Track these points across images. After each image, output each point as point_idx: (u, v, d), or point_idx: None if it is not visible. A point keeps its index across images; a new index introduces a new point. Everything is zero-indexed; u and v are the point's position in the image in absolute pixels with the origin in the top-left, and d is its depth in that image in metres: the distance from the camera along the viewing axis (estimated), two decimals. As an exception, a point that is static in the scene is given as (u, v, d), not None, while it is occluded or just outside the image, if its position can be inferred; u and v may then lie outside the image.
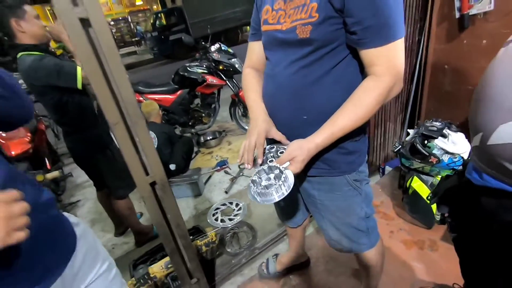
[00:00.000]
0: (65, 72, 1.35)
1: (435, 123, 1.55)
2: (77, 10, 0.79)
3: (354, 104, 0.72)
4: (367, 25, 0.65)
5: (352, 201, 0.92)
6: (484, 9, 1.59)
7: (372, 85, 0.70)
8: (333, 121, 0.74)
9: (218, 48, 2.96)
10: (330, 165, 0.86)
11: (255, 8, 0.94)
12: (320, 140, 0.74)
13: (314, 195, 0.94)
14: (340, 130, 0.73)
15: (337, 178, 0.87)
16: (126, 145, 0.99)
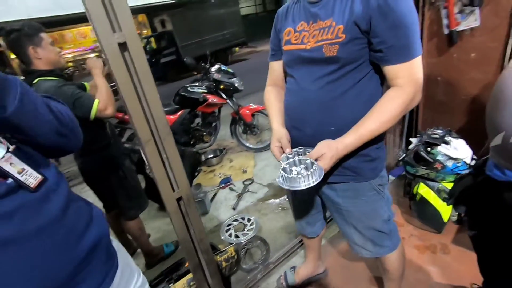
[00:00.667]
0: (82, 104, 1.37)
1: (437, 131, 1.65)
2: (116, 36, 0.85)
3: (380, 111, 0.79)
4: (391, 44, 0.74)
5: (377, 205, 0.97)
6: (471, 26, 1.74)
7: (395, 95, 0.78)
8: (361, 124, 0.80)
9: (218, 68, 3.05)
10: (356, 172, 0.92)
11: (273, 32, 1.03)
12: (349, 141, 0.80)
13: (339, 202, 0.98)
14: (367, 133, 0.79)
15: (362, 184, 0.93)
16: (156, 161, 1.02)
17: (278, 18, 1.00)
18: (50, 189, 0.65)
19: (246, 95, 5.41)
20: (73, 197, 0.74)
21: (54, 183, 0.66)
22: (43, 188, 0.63)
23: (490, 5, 1.65)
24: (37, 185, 0.62)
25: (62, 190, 0.69)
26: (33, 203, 0.61)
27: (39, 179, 0.62)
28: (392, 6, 0.72)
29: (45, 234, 0.62)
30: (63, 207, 0.67)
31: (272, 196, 2.46)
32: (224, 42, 10.63)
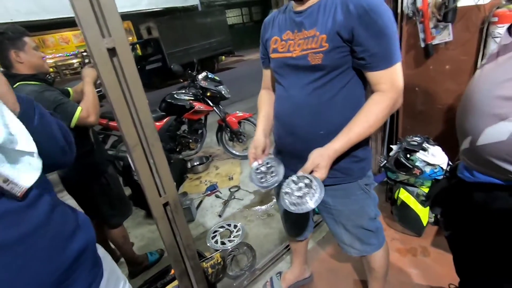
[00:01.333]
0: (64, 110, 1.35)
1: (416, 138, 1.73)
2: (105, 41, 0.86)
3: (365, 115, 0.84)
4: (373, 52, 0.79)
5: (364, 204, 1.02)
6: (445, 40, 1.86)
7: (379, 99, 0.83)
8: (348, 129, 0.84)
9: (205, 76, 3.08)
10: (345, 173, 0.96)
11: (261, 43, 1.08)
12: (338, 146, 0.84)
13: (328, 202, 1.02)
14: (355, 136, 0.84)
15: (351, 184, 0.97)
16: (143, 166, 1.02)
17: (264, 27, 1.04)
18: (36, 196, 0.64)
19: (232, 103, 5.46)
20: (59, 203, 0.73)
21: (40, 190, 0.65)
22: (30, 195, 0.62)
23: (461, 21, 1.77)
24: (23, 193, 0.60)
25: (48, 194, 0.68)
26: (18, 210, 0.60)
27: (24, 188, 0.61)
28: (373, 17, 0.77)
29: (31, 240, 0.61)
30: (48, 212, 0.66)
31: (258, 203, 2.47)
32: (211, 51, 10.70)
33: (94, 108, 1.43)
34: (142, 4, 4.25)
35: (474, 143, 0.68)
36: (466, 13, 1.74)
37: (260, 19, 16.75)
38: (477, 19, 1.72)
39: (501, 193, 0.70)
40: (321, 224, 1.94)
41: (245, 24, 17.10)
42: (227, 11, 12.87)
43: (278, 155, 1.12)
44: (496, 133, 0.62)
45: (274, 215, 2.25)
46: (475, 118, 0.67)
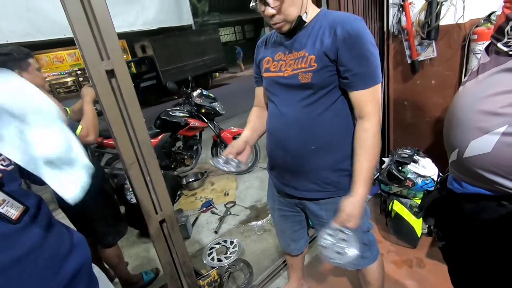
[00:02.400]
0: None
1: (406, 151, 1.78)
2: (104, 63, 0.89)
3: (364, 149, 0.89)
4: (355, 72, 0.85)
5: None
6: (429, 56, 1.95)
7: (368, 126, 0.89)
8: (359, 171, 0.90)
9: (200, 93, 3.13)
10: (336, 187, 0.99)
11: (254, 61, 1.13)
12: (362, 190, 0.90)
13: (322, 215, 1.04)
14: (368, 172, 0.90)
15: (343, 198, 0.99)
16: (139, 184, 1.03)
17: (258, 48, 1.10)
18: (31, 217, 0.64)
19: (227, 119, 5.50)
20: (54, 223, 0.73)
21: (35, 211, 0.66)
22: (25, 217, 0.62)
23: (444, 38, 1.86)
24: (19, 216, 0.60)
25: (44, 215, 0.69)
26: (13, 233, 0.60)
27: (21, 209, 0.61)
28: (355, 40, 0.84)
29: (25, 262, 0.61)
30: (44, 233, 0.66)
31: (255, 218, 2.46)
32: (204, 68, 10.88)
33: (94, 127, 1.45)
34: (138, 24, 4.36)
35: (461, 155, 0.71)
36: (448, 31, 1.84)
37: (252, 36, 17.19)
38: (459, 37, 1.81)
39: (489, 203, 0.73)
40: (317, 238, 1.94)
41: (238, 41, 17.50)
42: (220, 30, 13.20)
43: (271, 170, 1.15)
44: (481, 145, 0.65)
45: (271, 230, 2.24)
46: (460, 132, 0.71)
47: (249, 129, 1.15)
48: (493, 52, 0.66)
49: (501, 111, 0.60)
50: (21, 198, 0.62)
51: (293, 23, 0.89)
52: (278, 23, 0.88)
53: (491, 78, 0.64)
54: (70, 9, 0.82)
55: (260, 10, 0.88)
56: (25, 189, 0.69)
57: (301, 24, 0.91)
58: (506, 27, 0.62)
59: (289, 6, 0.85)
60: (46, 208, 0.71)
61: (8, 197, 0.59)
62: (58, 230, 0.73)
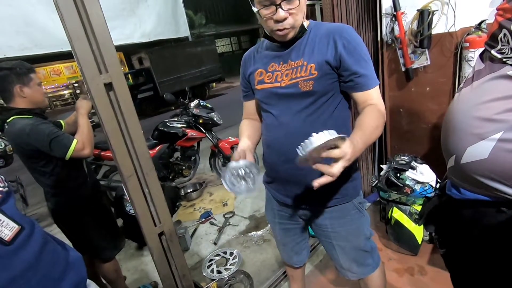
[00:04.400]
0: (59, 143, 1.37)
1: (404, 157, 1.78)
2: (102, 77, 0.90)
3: (370, 118, 0.86)
4: (359, 75, 0.88)
5: (360, 223, 1.05)
6: (423, 64, 1.98)
7: (373, 108, 0.89)
8: (362, 130, 0.83)
9: (197, 103, 3.14)
10: (342, 194, 1.00)
11: (242, 76, 1.13)
12: (361, 146, 0.79)
13: (326, 224, 1.04)
14: (369, 137, 0.83)
15: (347, 204, 1.01)
16: (138, 196, 1.03)
17: (245, 62, 1.10)
18: (25, 237, 0.62)
19: (224, 128, 5.51)
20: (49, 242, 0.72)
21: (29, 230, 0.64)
22: (19, 238, 0.60)
23: (436, 47, 1.90)
24: (12, 237, 0.59)
25: (37, 236, 0.67)
26: (5, 254, 0.58)
27: (15, 229, 0.59)
28: (354, 45, 0.89)
29: (20, 282, 0.59)
30: (38, 253, 0.64)
31: (254, 228, 2.44)
32: (201, 78, 10.96)
33: (89, 140, 1.45)
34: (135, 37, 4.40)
35: (459, 161, 0.72)
36: (440, 39, 1.87)
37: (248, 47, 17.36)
38: (451, 45, 1.85)
39: (488, 209, 0.73)
40: (318, 247, 1.93)
41: (234, 52, 17.69)
42: (216, 41, 13.34)
43: (270, 183, 1.14)
44: (477, 151, 0.66)
45: (270, 240, 2.22)
46: (457, 138, 0.72)
47: (244, 138, 1.10)
48: (488, 59, 0.68)
49: (497, 117, 0.61)
50: (16, 218, 0.61)
51: (297, 30, 0.91)
52: (286, 28, 0.88)
53: (486, 85, 0.66)
54: (69, 24, 0.83)
55: (266, 14, 0.86)
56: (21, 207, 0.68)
57: (303, 32, 0.93)
58: (499, 34, 0.64)
59: (300, 12, 0.87)
60: (39, 227, 0.70)
61: (4, 216, 0.58)
62: (53, 249, 0.72)
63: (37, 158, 1.42)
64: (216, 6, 14.79)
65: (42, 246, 0.67)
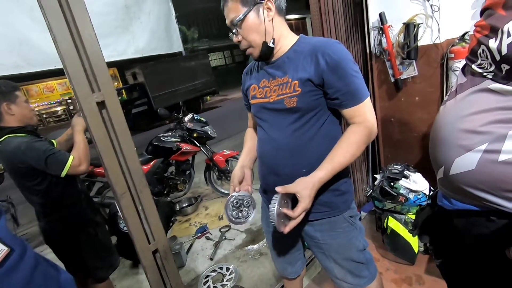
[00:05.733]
0: (55, 160, 1.36)
1: (396, 167, 1.80)
2: (95, 95, 0.91)
3: (346, 145, 0.89)
4: (344, 92, 0.88)
5: (351, 236, 1.04)
6: (411, 75, 2.03)
7: (357, 129, 0.90)
8: (331, 158, 0.88)
9: (191, 117, 3.16)
10: (330, 207, 1.00)
11: (243, 92, 1.17)
12: (323, 174, 0.87)
13: (317, 236, 1.03)
14: (338, 165, 0.88)
15: (336, 217, 1.00)
16: (131, 213, 1.02)
17: (244, 77, 1.15)
18: (16, 259, 0.61)
19: (219, 141, 5.52)
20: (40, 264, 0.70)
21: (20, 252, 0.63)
22: (9, 261, 0.59)
23: (423, 58, 1.96)
24: (1, 259, 0.58)
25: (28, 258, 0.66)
26: None
27: (5, 251, 0.58)
28: (337, 61, 0.88)
29: None
30: (29, 275, 0.63)
31: (250, 242, 2.42)
32: (196, 92, 11.03)
33: (85, 156, 1.45)
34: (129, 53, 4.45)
35: (447, 173, 0.73)
36: (427, 50, 1.93)
37: (241, 60, 17.64)
38: (437, 56, 1.91)
39: (479, 219, 0.73)
40: (315, 260, 1.91)
41: (227, 65, 17.91)
42: (210, 55, 13.50)
43: (264, 194, 1.15)
44: (465, 163, 0.67)
45: (267, 253, 2.19)
46: (444, 150, 0.73)
47: (245, 152, 1.18)
48: (469, 72, 0.70)
49: (481, 129, 0.63)
50: (6, 239, 0.60)
51: (260, 49, 0.94)
52: (245, 49, 0.96)
53: (468, 98, 0.68)
54: (61, 44, 0.84)
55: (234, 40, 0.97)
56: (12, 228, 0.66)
57: (269, 50, 0.95)
58: (478, 49, 0.66)
59: (249, 34, 0.93)
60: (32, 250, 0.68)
61: None
62: (44, 271, 0.70)
63: (31, 176, 1.40)
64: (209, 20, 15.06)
65: (33, 268, 0.66)
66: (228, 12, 0.93)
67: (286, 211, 0.86)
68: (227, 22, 0.94)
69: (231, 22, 0.93)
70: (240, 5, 0.90)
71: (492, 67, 0.62)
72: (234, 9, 0.91)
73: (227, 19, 0.94)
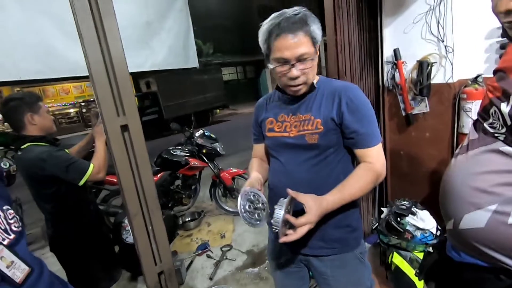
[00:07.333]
0: (76, 168, 1.42)
1: (404, 202, 1.80)
2: (120, 119, 0.95)
3: (356, 180, 0.92)
4: (360, 133, 0.94)
5: (361, 274, 1.06)
6: (423, 111, 2.06)
7: (368, 167, 0.94)
8: (342, 188, 0.91)
9: (202, 133, 3.21)
10: (342, 243, 1.02)
11: (254, 120, 1.18)
12: (332, 200, 0.87)
13: (327, 272, 1.04)
14: (348, 197, 0.90)
15: (348, 254, 1.03)
16: (141, 234, 1.04)
17: (258, 109, 1.16)
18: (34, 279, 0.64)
19: (227, 156, 5.54)
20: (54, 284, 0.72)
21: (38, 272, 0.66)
22: (29, 280, 0.62)
23: (435, 96, 1.98)
24: (23, 279, 0.61)
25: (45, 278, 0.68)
26: None
27: (26, 271, 0.61)
28: (357, 104, 0.94)
29: None
30: None
31: (251, 265, 2.39)
32: (206, 104, 11.21)
33: (104, 164, 1.51)
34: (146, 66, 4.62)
35: (457, 226, 0.74)
36: (439, 89, 1.96)
37: (253, 76, 17.93)
38: (449, 95, 1.93)
39: (488, 275, 0.73)
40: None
41: (239, 80, 18.20)
42: (223, 69, 13.80)
43: None
44: (474, 220, 0.68)
45: (268, 278, 2.17)
46: (454, 203, 0.74)
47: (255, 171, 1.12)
48: (481, 130, 0.72)
49: (491, 189, 0.64)
50: (27, 259, 0.63)
51: (308, 86, 0.98)
52: (299, 84, 0.95)
53: (480, 157, 0.69)
54: (94, 71, 0.90)
55: (281, 71, 0.92)
56: None
57: (312, 88, 1.00)
58: (491, 109, 0.68)
59: (312, 71, 0.95)
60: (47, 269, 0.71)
61: (17, 258, 0.60)
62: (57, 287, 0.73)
63: (48, 183, 1.45)
64: (225, 36, 15.47)
65: (49, 287, 0.68)
66: (297, 46, 0.88)
67: (289, 217, 0.83)
68: (289, 54, 0.89)
69: (299, 56, 0.89)
70: (311, 42, 0.90)
71: (504, 129, 0.64)
72: (306, 44, 0.89)
73: (290, 51, 0.88)
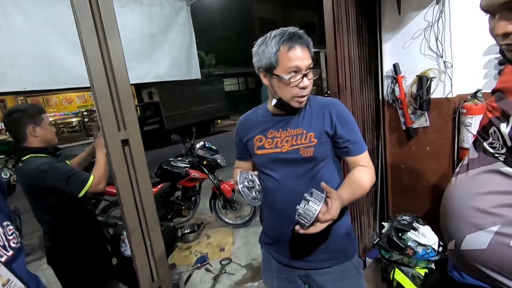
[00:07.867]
0: (77, 179, 1.42)
1: (405, 217, 1.78)
2: (120, 134, 0.96)
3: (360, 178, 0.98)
4: (353, 141, 1.00)
5: (359, 284, 1.07)
6: (423, 125, 2.06)
7: (365, 169, 1.00)
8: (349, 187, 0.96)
9: (203, 145, 3.22)
10: (343, 252, 1.04)
11: (238, 140, 1.18)
12: (345, 196, 0.92)
13: (327, 286, 1.04)
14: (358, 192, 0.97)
15: (347, 263, 1.04)
16: (139, 249, 1.03)
17: (242, 128, 1.15)
18: None
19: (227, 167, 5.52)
20: None
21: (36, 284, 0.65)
22: None
23: (435, 110, 1.99)
24: None
25: None
26: None
27: None
28: (345, 116, 1.02)
29: None
30: None
31: (250, 279, 2.35)
32: (207, 115, 11.28)
33: (105, 175, 1.50)
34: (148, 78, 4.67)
35: (458, 247, 0.72)
36: (439, 104, 1.98)
37: (254, 87, 18.09)
38: (449, 109, 1.94)
39: None
40: None
41: (240, 91, 18.36)
42: (224, 80, 13.94)
43: (271, 245, 1.15)
44: (476, 241, 0.67)
45: (267, 293, 2.13)
46: (456, 224, 0.73)
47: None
48: (481, 149, 0.71)
49: (492, 210, 0.64)
50: (23, 276, 0.63)
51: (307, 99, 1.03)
52: (306, 95, 0.99)
53: (481, 177, 0.68)
54: (97, 87, 0.91)
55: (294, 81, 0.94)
56: None
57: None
58: (490, 129, 0.68)
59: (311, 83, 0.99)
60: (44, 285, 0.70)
61: (14, 276, 0.59)
62: None
63: (49, 195, 1.45)
64: (227, 48, 15.70)
65: None
66: (306, 58, 0.94)
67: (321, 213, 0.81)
68: (302, 64, 0.92)
69: (308, 66, 0.94)
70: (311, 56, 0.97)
71: (504, 150, 0.64)
72: (310, 57, 0.96)
73: (302, 61, 0.92)
